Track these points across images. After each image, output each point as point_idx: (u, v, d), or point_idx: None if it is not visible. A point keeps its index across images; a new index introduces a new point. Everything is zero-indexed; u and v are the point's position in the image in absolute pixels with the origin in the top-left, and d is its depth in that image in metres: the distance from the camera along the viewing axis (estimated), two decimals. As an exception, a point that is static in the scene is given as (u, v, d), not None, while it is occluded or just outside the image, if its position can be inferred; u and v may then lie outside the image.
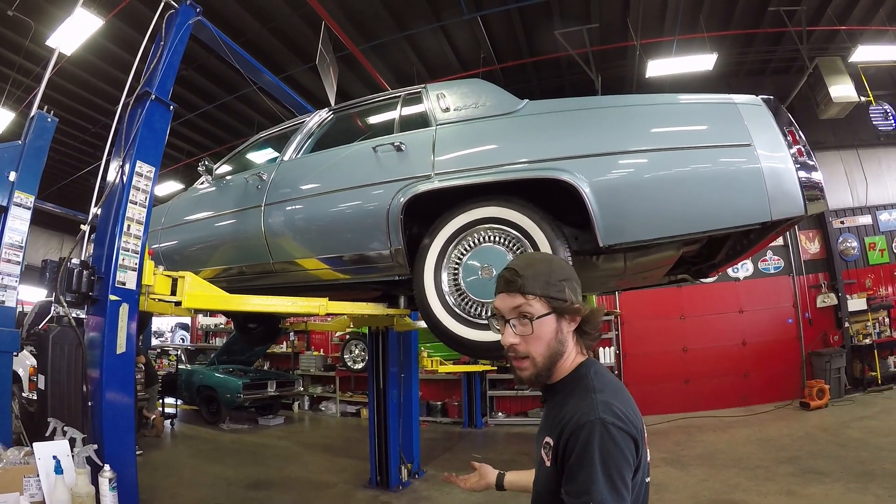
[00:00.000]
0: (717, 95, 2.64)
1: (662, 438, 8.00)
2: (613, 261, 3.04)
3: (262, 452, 7.87)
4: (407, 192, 2.76)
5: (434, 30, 9.25)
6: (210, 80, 10.22)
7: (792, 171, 2.37)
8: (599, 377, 1.30)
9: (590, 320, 1.37)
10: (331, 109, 3.78)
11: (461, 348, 2.59)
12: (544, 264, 1.37)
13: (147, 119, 3.29)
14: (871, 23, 10.12)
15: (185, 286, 3.07)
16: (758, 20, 10.14)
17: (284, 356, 13.08)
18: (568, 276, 1.34)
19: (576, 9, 9.39)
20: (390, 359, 6.01)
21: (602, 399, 1.20)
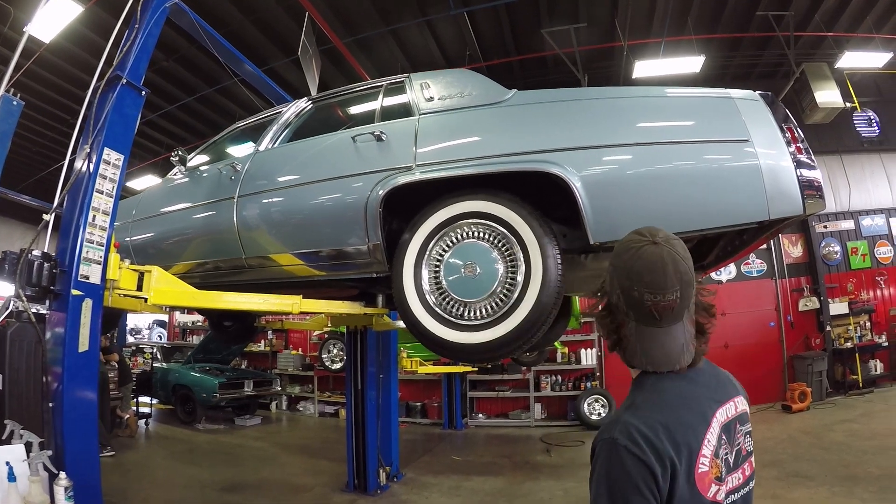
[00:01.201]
0: (714, 90, 2.52)
1: (646, 441, 7.96)
2: (602, 260, 2.91)
3: (237, 453, 7.71)
4: (387, 184, 2.61)
5: (420, 25, 9.12)
6: (191, 72, 10.01)
7: (791, 169, 2.26)
8: (654, 392, 1.18)
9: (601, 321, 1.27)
10: (310, 99, 3.62)
11: (441, 350, 2.44)
12: (618, 244, 1.26)
13: (117, 104, 3.15)
14: (858, 30, 10.19)
15: (152, 281, 2.90)
16: (745, 24, 10.17)
17: (262, 355, 12.86)
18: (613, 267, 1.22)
19: (564, 8, 9.34)
20: (369, 359, 5.88)
21: (628, 418, 1.11)
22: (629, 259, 1.18)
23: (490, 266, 2.38)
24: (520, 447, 8.32)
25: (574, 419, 9.64)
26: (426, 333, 2.41)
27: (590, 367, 10.12)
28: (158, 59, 9.42)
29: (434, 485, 6.22)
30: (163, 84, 10.20)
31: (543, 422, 9.95)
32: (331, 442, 8.52)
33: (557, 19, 9.51)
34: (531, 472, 6.76)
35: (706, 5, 9.63)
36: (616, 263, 1.21)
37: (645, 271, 1.15)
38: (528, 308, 2.25)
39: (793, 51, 10.22)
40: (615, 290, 1.20)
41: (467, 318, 2.38)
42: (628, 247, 1.20)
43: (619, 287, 1.18)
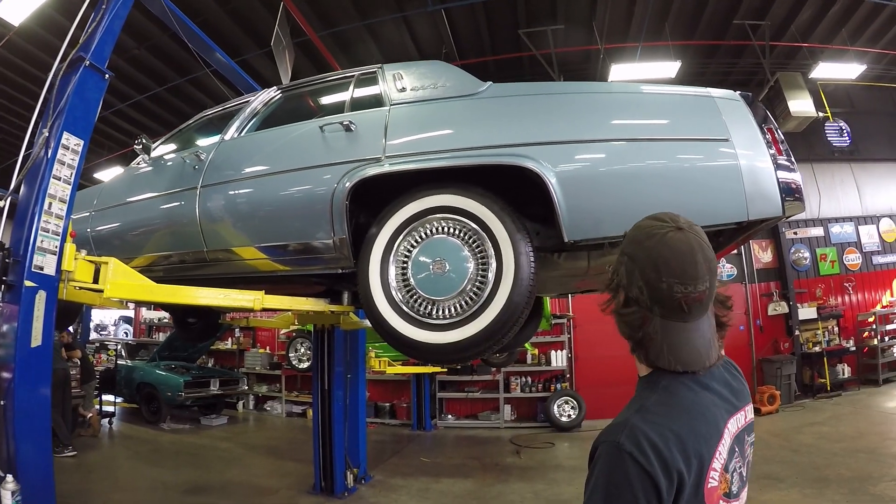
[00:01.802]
0: (694, 88, 2.49)
1: (616, 444, 7.97)
2: (576, 259, 2.85)
3: (202, 454, 7.50)
4: (354, 175, 2.49)
5: (396, 21, 9.02)
6: (162, 61, 9.76)
7: (770, 170, 2.24)
8: (667, 394, 1.07)
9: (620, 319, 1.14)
10: (279, 88, 3.49)
11: (408, 350, 2.34)
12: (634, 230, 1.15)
13: (79, 87, 3.03)
14: (833, 41, 10.39)
15: (109, 273, 2.75)
16: (722, 32, 10.29)
17: (229, 353, 12.56)
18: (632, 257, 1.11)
19: (542, 9, 9.34)
20: (336, 358, 5.73)
21: (637, 422, 1.00)
22: (653, 247, 1.07)
23: (460, 263, 2.29)
24: (489, 449, 8.25)
25: (544, 420, 9.61)
26: (392, 332, 2.31)
27: (560, 369, 10.08)
28: (129, 46, 9.19)
29: (403, 487, 6.12)
30: (133, 73, 9.95)
31: (513, 423, 9.89)
32: (298, 442, 8.35)
33: (535, 20, 9.51)
34: (501, 474, 6.70)
35: (684, 12, 9.70)
36: (635, 253, 1.10)
37: (673, 260, 1.05)
38: (498, 307, 2.16)
39: (768, 60, 10.39)
40: (635, 283, 1.08)
41: (435, 317, 2.28)
42: (650, 233, 1.09)
43: (642, 279, 1.07)
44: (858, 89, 11.98)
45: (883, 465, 5.54)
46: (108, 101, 10.64)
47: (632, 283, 1.09)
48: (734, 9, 9.69)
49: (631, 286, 1.10)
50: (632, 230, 1.16)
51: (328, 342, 5.70)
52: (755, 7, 9.67)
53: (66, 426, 6.87)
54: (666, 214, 1.13)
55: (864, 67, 10.46)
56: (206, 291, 2.83)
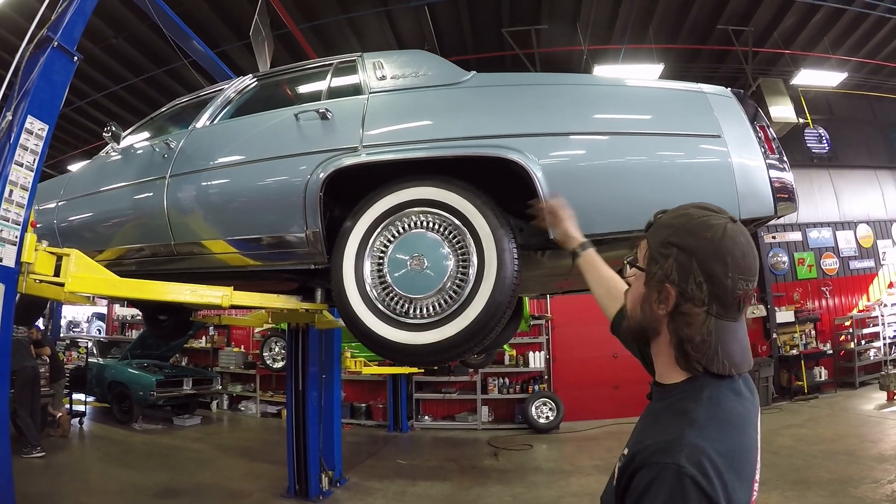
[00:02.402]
0: (685, 83, 2.44)
1: (594, 445, 7.99)
2: (560, 258, 2.73)
3: (175, 456, 7.29)
4: (329, 166, 2.36)
5: (379, 15, 8.91)
6: (140, 51, 9.51)
7: (763, 169, 2.19)
8: (712, 405, 0.95)
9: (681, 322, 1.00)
10: (255, 76, 3.35)
11: (383, 350, 2.21)
12: (682, 219, 1.05)
13: (46, 68, 2.91)
14: (815, 49, 10.49)
15: (70, 266, 2.61)
16: (705, 36, 10.35)
17: (203, 352, 12.27)
18: (689, 249, 1.00)
19: (526, 8, 9.31)
20: (310, 358, 5.59)
21: (695, 439, 0.87)
22: (717, 239, 0.99)
23: (439, 259, 2.17)
24: (467, 450, 8.16)
25: (522, 422, 9.54)
26: (366, 332, 2.17)
27: (538, 371, 10.01)
28: (107, 35, 8.96)
29: (379, 490, 6.00)
30: (110, 62, 9.70)
31: (490, 425, 9.80)
32: (272, 444, 8.16)
33: (519, 19, 9.48)
34: (479, 476, 6.60)
35: (668, 15, 9.73)
36: (692, 244, 1.00)
37: (739, 254, 0.98)
38: (480, 307, 2.04)
39: (750, 65, 10.47)
40: (694, 277, 0.98)
41: (412, 317, 2.16)
42: (707, 223, 1.01)
43: (705, 273, 0.97)
44: (838, 97, 12.14)
45: (863, 467, 5.57)
46: (84, 90, 10.37)
47: (688, 278, 0.99)
48: (718, 14, 9.74)
49: (686, 281, 0.99)
50: (678, 219, 1.06)
51: (303, 342, 5.56)
52: (739, 13, 9.73)
53: (35, 426, 6.67)
54: (707, 205, 1.07)
55: (845, 75, 10.62)
56: (172, 287, 2.68)
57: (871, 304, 11.48)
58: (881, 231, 12.31)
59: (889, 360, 10.59)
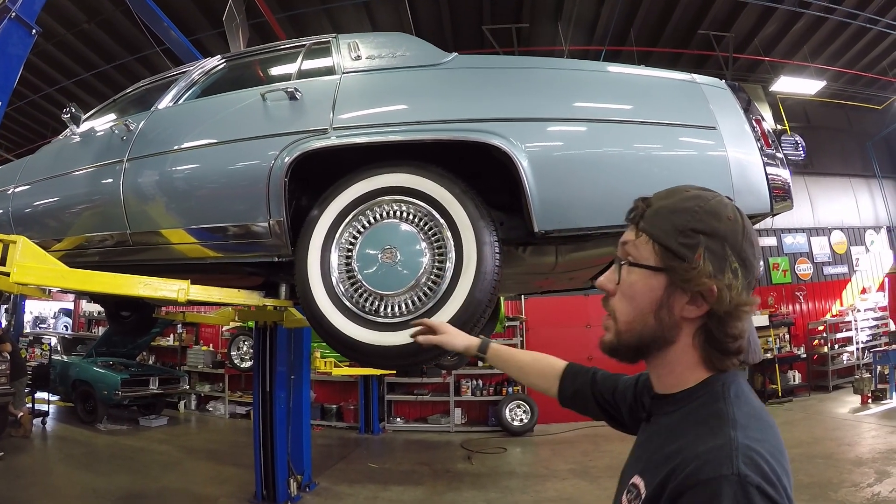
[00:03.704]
0: (677, 72, 2.33)
1: (569, 448, 7.92)
2: (543, 254, 2.61)
3: (139, 458, 7.03)
4: (295, 149, 2.18)
5: (357, 7, 8.79)
6: (112, 38, 9.27)
7: (759, 164, 2.09)
8: (741, 402, 0.83)
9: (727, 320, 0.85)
10: (223, 57, 3.15)
11: (351, 353, 2.03)
12: (694, 201, 0.89)
13: (2, 40, 2.81)
14: (795, 57, 10.64)
15: (17, 255, 2.37)
16: (686, 41, 10.41)
17: (171, 350, 11.93)
18: (719, 234, 0.85)
19: (508, 6, 9.28)
20: (279, 358, 5.40)
21: (744, 441, 0.74)
22: (738, 220, 0.88)
23: (413, 253, 2.00)
24: (440, 454, 8.02)
25: (495, 425, 9.43)
26: (331, 330, 1.98)
27: None
28: (79, 20, 8.73)
29: (350, 495, 5.84)
30: (81, 48, 9.44)
31: (463, 427, 9.68)
32: (240, 446, 7.92)
33: (500, 17, 9.43)
34: (452, 480, 6.48)
35: (650, 18, 9.77)
36: (722, 228, 0.86)
37: (755, 234, 0.90)
38: (457, 305, 1.87)
39: (730, 71, 10.55)
40: (730, 264, 0.84)
41: (383, 315, 1.99)
42: (723, 203, 0.90)
43: (738, 258, 0.85)
44: (815, 105, 12.33)
45: (841, 470, 5.57)
46: (53, 77, 10.06)
47: (724, 268, 0.84)
48: (700, 19, 9.80)
49: (723, 271, 0.84)
50: (689, 201, 0.90)
51: (270, 341, 5.36)
52: (721, 18, 9.80)
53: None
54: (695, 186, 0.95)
55: (823, 84, 10.76)
56: (125, 280, 2.47)
57: (844, 310, 11.69)
58: (855, 238, 12.53)
59: (862, 365, 10.76)
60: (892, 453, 5.96)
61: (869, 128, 13.34)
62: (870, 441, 6.79)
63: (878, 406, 8.77)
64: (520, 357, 1.55)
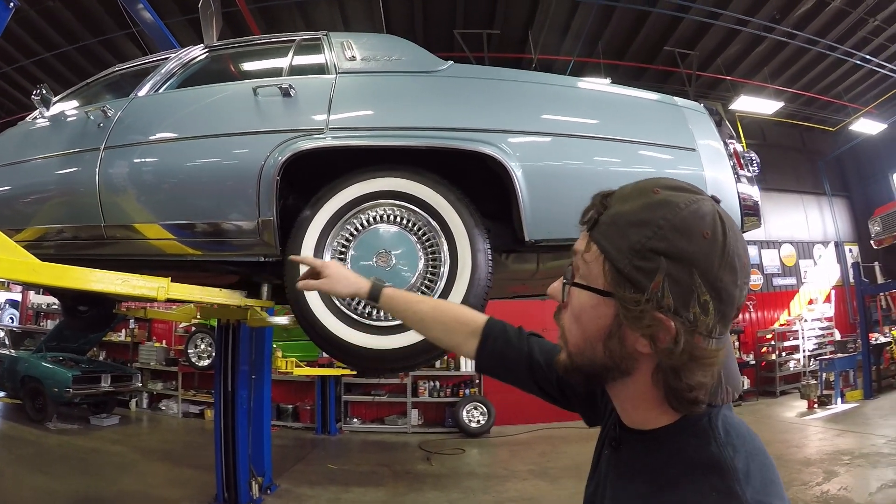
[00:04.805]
0: (660, 94, 2.48)
1: (527, 449, 7.99)
2: (525, 262, 2.68)
3: (93, 459, 6.73)
4: (289, 147, 2.15)
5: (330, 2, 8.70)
6: (77, 17, 8.85)
7: (732, 184, 2.26)
8: (738, 443, 0.71)
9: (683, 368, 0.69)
10: (207, 46, 3.05)
11: (344, 356, 2.02)
12: (661, 209, 0.69)
13: None
14: (755, 78, 11.08)
15: (-19, 245, 2.25)
16: (652, 56, 10.70)
17: (122, 346, 11.43)
18: (686, 257, 0.67)
19: (481, 11, 9.36)
20: (241, 357, 5.23)
21: (757, 497, 0.66)
22: (718, 235, 0.68)
23: (409, 257, 2.02)
24: (398, 455, 7.99)
25: (452, 426, 9.43)
26: (325, 334, 1.96)
27: (468, 374, 9.92)
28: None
29: (311, 497, 5.74)
30: (44, 27, 9.01)
31: (420, 428, 9.64)
32: (196, 447, 7.71)
33: (472, 22, 9.49)
34: (413, 482, 6.45)
35: (619, 32, 9.99)
36: (690, 250, 0.67)
37: (743, 250, 0.70)
38: (453, 310, 1.90)
39: (692, 87, 10.90)
40: (698, 297, 0.67)
41: (375, 318, 1.99)
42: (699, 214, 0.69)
43: (709, 288, 0.67)
44: (771, 124, 12.85)
45: (791, 470, 5.76)
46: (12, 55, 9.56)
47: (689, 301, 0.67)
48: (667, 36, 10.10)
49: (688, 306, 0.67)
50: (653, 209, 0.70)
51: (233, 340, 5.19)
52: (687, 37, 10.12)
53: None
54: (675, 180, 0.75)
55: (781, 105, 11.24)
56: (102, 275, 2.36)
57: (791, 319, 12.26)
58: (804, 251, 13.14)
59: (808, 371, 11.24)
60: (838, 455, 6.20)
61: (822, 148, 14.05)
62: (817, 443, 7.06)
63: (823, 411, 9.12)
64: (419, 306, 1.29)
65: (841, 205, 14.25)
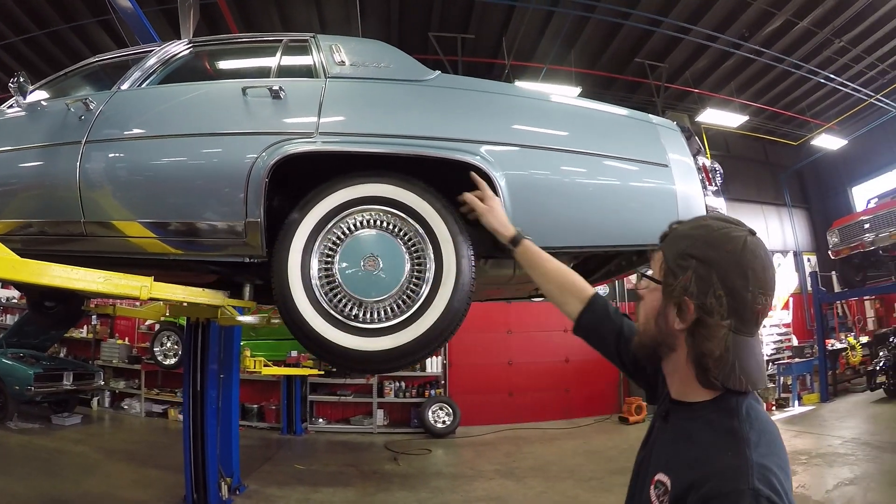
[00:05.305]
0: (635, 112, 2.61)
1: (492, 449, 8.13)
2: (502, 267, 2.75)
3: (56, 460, 6.56)
4: (279, 150, 2.17)
5: (307, 0, 8.67)
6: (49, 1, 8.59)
7: (701, 198, 2.40)
8: (755, 422, 0.95)
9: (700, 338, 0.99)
10: (190, 41, 3.02)
11: (331, 357, 2.05)
12: (701, 230, 1.05)
13: None
14: (722, 91, 11.46)
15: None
16: (623, 66, 10.96)
17: (84, 343, 11.10)
18: (709, 261, 0.99)
19: (456, 16, 9.46)
20: (211, 356, 5.15)
21: (759, 460, 0.88)
22: (737, 251, 0.99)
23: (396, 262, 2.07)
24: (365, 455, 8.01)
25: (418, 426, 9.51)
26: (313, 335, 1.99)
27: (434, 375, 10.04)
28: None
29: (281, 498, 5.73)
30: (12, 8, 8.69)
31: (386, 428, 9.70)
32: (161, 447, 7.59)
33: (447, 25, 9.58)
34: (381, 482, 6.50)
35: (592, 42, 10.20)
36: (712, 256, 0.99)
37: (760, 268, 0.99)
38: (437, 313, 1.96)
39: (661, 99, 11.22)
40: (713, 290, 0.97)
41: (362, 321, 2.03)
42: (728, 236, 1.01)
43: (724, 286, 0.97)
44: (736, 136, 13.30)
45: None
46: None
47: (707, 292, 0.98)
48: (638, 48, 10.36)
49: (706, 294, 0.98)
50: (697, 230, 1.06)
51: (203, 338, 5.08)
52: (658, 49, 10.40)
53: None
54: (724, 216, 1.11)
55: (746, 118, 11.65)
56: (84, 273, 2.31)
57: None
58: (763, 260, 13.56)
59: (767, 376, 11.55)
60: (796, 454, 6.45)
61: (784, 161, 14.62)
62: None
63: (781, 413, 9.47)
64: (547, 264, 1.59)
65: (800, 216, 14.85)
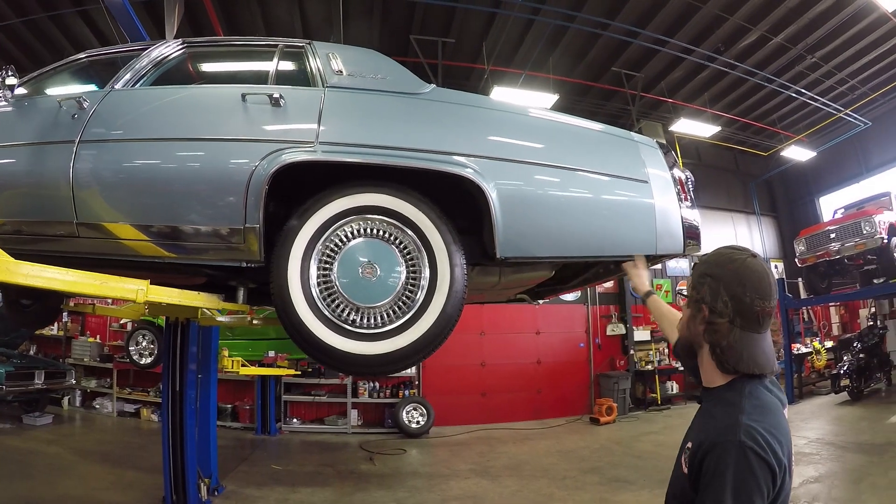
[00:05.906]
0: (619, 129, 2.76)
1: (466, 449, 8.22)
2: (488, 274, 2.87)
3: (29, 461, 6.41)
4: (280, 158, 2.22)
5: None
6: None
7: (677, 213, 2.57)
8: (752, 398, 1.27)
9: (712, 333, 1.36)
10: (184, 41, 3.00)
11: (329, 360, 2.13)
12: (715, 255, 1.41)
13: None
14: (696, 102, 11.77)
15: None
16: (599, 75, 11.15)
17: (55, 340, 10.77)
18: (717, 277, 1.35)
19: (438, 19, 9.49)
20: (189, 356, 5.08)
21: (747, 421, 1.20)
22: (738, 268, 1.34)
23: (392, 270, 2.16)
24: (340, 455, 8.01)
25: (392, 426, 9.56)
26: (311, 339, 2.07)
27: (408, 376, 10.08)
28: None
29: (259, 498, 5.72)
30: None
31: (360, 429, 9.71)
32: (135, 447, 7.47)
33: (428, 29, 9.63)
34: (359, 481, 6.52)
35: (570, 50, 10.36)
36: (720, 273, 1.35)
37: (755, 280, 1.32)
38: (432, 319, 2.07)
39: (636, 107, 11.46)
40: (721, 297, 1.33)
41: (359, 325, 2.12)
42: (731, 258, 1.37)
43: (728, 294, 1.32)
44: (708, 146, 13.67)
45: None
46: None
47: (717, 299, 1.33)
48: (615, 57, 10.56)
49: (716, 301, 1.33)
50: (711, 256, 1.42)
51: (182, 338, 5.00)
52: (634, 59, 10.62)
53: None
54: (735, 246, 1.42)
55: (718, 129, 12.01)
56: (78, 276, 2.29)
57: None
58: (731, 266, 13.97)
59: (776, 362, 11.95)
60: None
61: (754, 170, 15.13)
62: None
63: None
64: (663, 308, 2.19)
65: (769, 224, 15.35)
